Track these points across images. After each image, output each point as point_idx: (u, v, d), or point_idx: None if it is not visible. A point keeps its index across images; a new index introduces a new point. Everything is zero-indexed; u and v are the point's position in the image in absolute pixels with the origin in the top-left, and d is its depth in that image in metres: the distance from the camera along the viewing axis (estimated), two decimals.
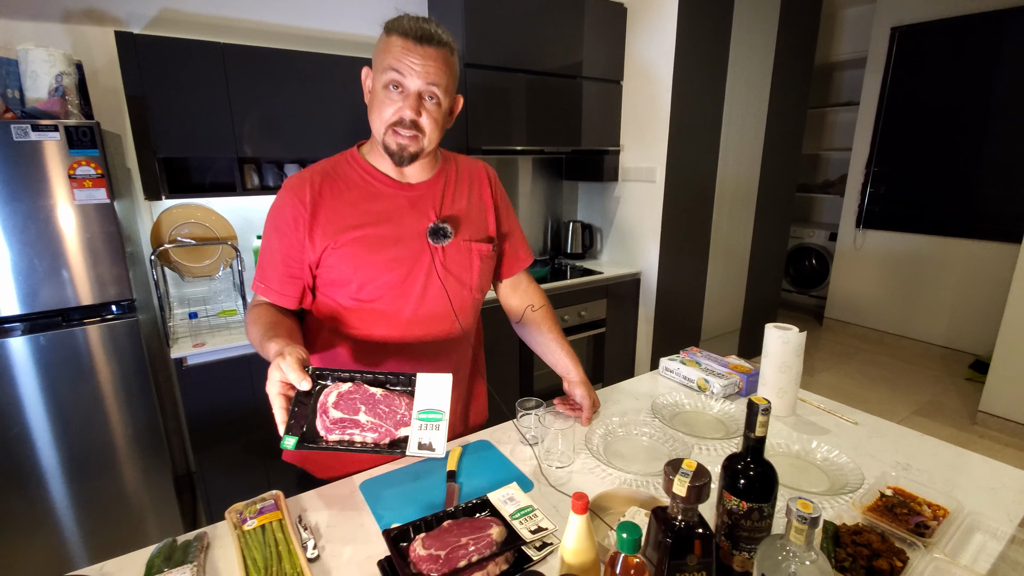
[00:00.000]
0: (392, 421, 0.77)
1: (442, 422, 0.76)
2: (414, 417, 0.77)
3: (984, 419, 2.78)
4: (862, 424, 1.13)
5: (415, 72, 0.87)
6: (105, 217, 1.49)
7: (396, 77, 0.88)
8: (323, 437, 0.76)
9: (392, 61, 0.87)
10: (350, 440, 0.76)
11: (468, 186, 1.07)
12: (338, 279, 0.95)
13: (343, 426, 0.76)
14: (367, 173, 0.98)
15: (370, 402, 0.78)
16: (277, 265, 0.95)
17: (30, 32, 1.77)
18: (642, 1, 2.59)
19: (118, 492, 1.69)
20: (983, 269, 3.45)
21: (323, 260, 0.94)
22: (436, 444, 0.75)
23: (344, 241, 0.93)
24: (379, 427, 0.76)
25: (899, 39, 3.68)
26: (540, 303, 1.19)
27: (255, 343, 0.91)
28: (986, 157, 3.38)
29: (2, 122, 1.37)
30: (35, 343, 1.49)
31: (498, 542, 0.73)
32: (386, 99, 0.90)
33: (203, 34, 2.01)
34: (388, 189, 0.98)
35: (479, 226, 1.06)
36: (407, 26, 0.87)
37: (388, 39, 0.89)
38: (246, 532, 0.80)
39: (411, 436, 0.76)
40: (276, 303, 0.97)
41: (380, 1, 2.36)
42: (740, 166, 3.00)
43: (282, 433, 0.74)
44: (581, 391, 1.13)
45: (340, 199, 0.95)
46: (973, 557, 0.75)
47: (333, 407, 0.77)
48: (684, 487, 0.59)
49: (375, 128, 0.94)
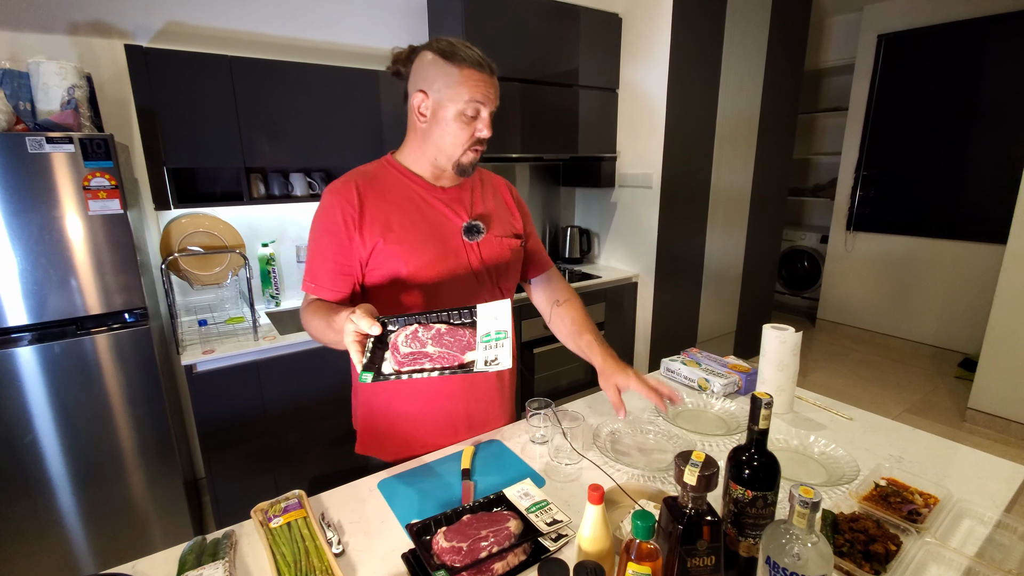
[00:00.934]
0: (459, 347, 0.82)
1: (506, 339, 0.81)
2: (479, 340, 0.82)
3: (973, 416, 2.85)
4: (857, 420, 1.18)
5: (491, 100, 1.00)
6: (119, 227, 1.52)
7: (478, 106, 0.98)
8: (396, 370, 0.81)
9: (472, 91, 0.97)
10: (421, 368, 0.81)
11: (492, 193, 1.16)
12: (387, 274, 1.01)
13: (413, 359, 0.82)
14: (406, 177, 1.06)
15: (437, 336, 0.83)
16: (327, 263, 1.01)
17: (37, 44, 1.79)
18: (636, 12, 2.65)
19: (126, 499, 1.71)
20: (970, 270, 3.53)
21: (373, 257, 1.00)
22: (501, 358, 0.79)
23: (393, 238, 1.00)
24: (447, 355, 0.82)
25: (885, 46, 3.78)
26: (565, 297, 1.24)
27: (318, 332, 0.96)
28: (971, 160, 3.48)
29: (16, 134, 1.40)
30: (48, 352, 1.51)
31: (516, 534, 0.77)
32: (463, 123, 0.99)
33: (208, 46, 2.05)
34: (424, 192, 1.06)
35: (506, 224, 1.15)
36: (474, 58, 0.97)
37: (461, 71, 0.96)
38: (273, 529, 0.83)
39: (477, 358, 0.81)
40: (327, 299, 1.02)
41: (384, 14, 2.40)
42: (733, 171, 3.07)
43: (359, 371, 0.79)
44: (615, 382, 1.08)
45: (383, 199, 1.02)
46: (962, 541, 0.80)
47: (403, 344, 0.83)
48: (695, 476, 0.63)
49: (443, 149, 1.01)
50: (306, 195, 2.19)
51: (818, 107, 4.54)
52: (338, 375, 1.99)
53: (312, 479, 2.02)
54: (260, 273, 2.26)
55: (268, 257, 2.25)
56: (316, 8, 2.25)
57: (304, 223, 2.38)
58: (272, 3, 2.16)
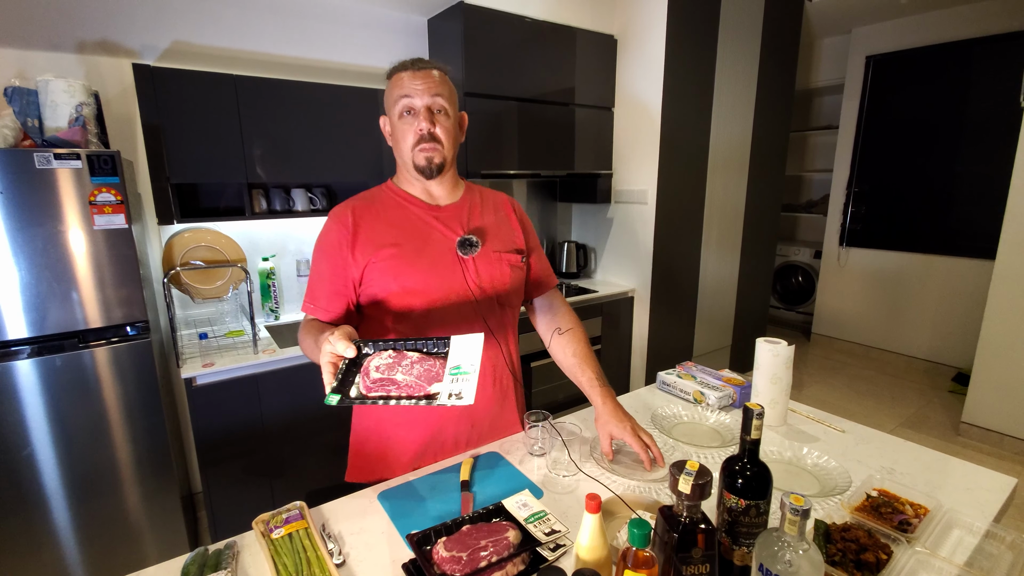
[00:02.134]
0: (427, 378, 0.83)
1: (472, 375, 0.81)
2: (447, 372, 0.83)
3: (967, 430, 2.87)
4: (849, 432, 1.20)
5: (419, 91, 1.00)
6: (123, 241, 1.54)
7: (407, 102, 1.01)
8: (362, 394, 0.82)
9: (399, 91, 1.02)
10: (386, 395, 0.81)
11: (494, 208, 1.17)
12: (380, 290, 1.03)
13: (382, 385, 0.83)
14: (401, 198, 1.09)
15: (408, 365, 0.85)
16: (325, 284, 1.04)
17: (45, 62, 1.83)
18: (631, 33, 2.73)
19: (122, 513, 1.71)
20: (961, 284, 3.58)
21: (365, 275, 1.03)
22: (465, 393, 0.78)
23: (383, 256, 1.02)
24: (413, 384, 0.82)
25: (874, 67, 3.88)
26: (567, 326, 1.20)
27: (309, 351, 0.99)
28: (959, 178, 3.55)
29: (23, 150, 1.43)
30: (48, 365, 1.52)
31: (515, 544, 0.78)
32: (405, 127, 1.03)
33: (213, 65, 2.09)
34: (420, 211, 1.09)
35: (507, 239, 1.15)
36: (404, 63, 1.04)
37: (393, 79, 1.04)
38: (275, 540, 0.84)
39: (442, 389, 0.81)
40: (323, 320, 1.05)
41: (385, 35, 2.46)
42: (727, 187, 3.13)
43: (327, 392, 0.80)
44: (610, 431, 1.04)
45: (378, 219, 1.06)
46: (952, 550, 0.81)
47: (374, 370, 0.84)
48: (689, 485, 0.65)
49: (403, 157, 1.06)
50: (307, 210, 2.23)
51: (810, 125, 4.63)
52: None
53: (309, 493, 2.02)
54: (260, 287, 2.28)
55: (268, 271, 2.27)
56: (319, 29, 2.31)
57: (304, 237, 2.41)
58: (277, 24, 2.21)
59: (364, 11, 2.39)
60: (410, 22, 2.51)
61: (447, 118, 1.04)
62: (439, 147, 1.03)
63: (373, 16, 2.42)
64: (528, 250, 1.20)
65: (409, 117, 1.02)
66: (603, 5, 2.75)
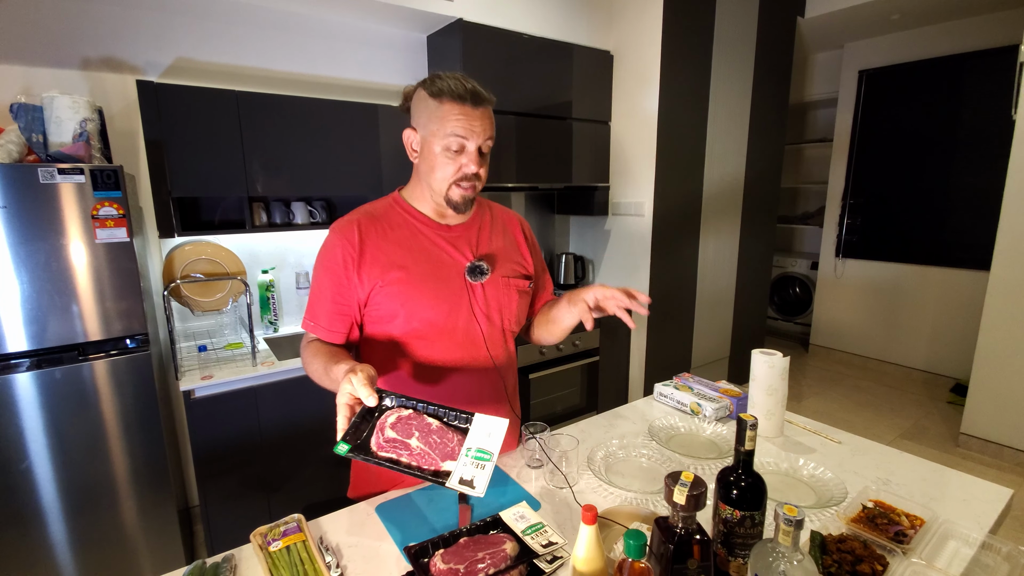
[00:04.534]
0: (441, 452, 0.80)
1: (489, 463, 0.77)
2: (463, 452, 0.79)
3: (966, 441, 2.87)
4: (845, 443, 1.21)
5: (475, 134, 0.95)
6: (124, 254, 1.55)
7: (460, 141, 0.95)
8: (374, 452, 0.79)
9: (453, 127, 0.94)
10: (397, 459, 0.79)
11: (503, 229, 1.14)
12: (386, 315, 1.02)
13: (394, 446, 0.80)
14: (410, 215, 1.05)
15: (425, 430, 0.82)
16: (326, 303, 1.01)
17: (49, 78, 1.86)
18: (627, 49, 2.77)
19: (119, 527, 1.70)
20: (957, 295, 3.60)
21: (371, 298, 1.01)
22: (478, 482, 0.75)
23: (391, 280, 1.00)
24: (427, 455, 0.79)
25: (866, 81, 3.93)
26: None
27: (317, 374, 0.97)
28: (953, 190, 3.59)
29: (28, 165, 1.45)
30: (47, 378, 1.52)
31: (512, 556, 0.79)
32: (448, 159, 0.97)
33: (216, 81, 2.12)
34: (428, 230, 1.05)
35: (515, 264, 1.13)
36: (459, 90, 0.94)
37: (442, 105, 0.95)
38: (272, 553, 0.84)
39: (455, 470, 0.77)
40: (324, 339, 1.03)
41: (382, 50, 2.50)
42: (724, 200, 3.16)
43: (339, 439, 0.78)
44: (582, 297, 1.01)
45: (385, 239, 1.02)
46: (947, 561, 0.82)
47: (390, 427, 0.82)
48: (683, 496, 0.66)
49: (433, 185, 1.00)
50: (307, 223, 2.24)
51: (804, 138, 4.69)
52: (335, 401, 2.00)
53: (307, 506, 2.00)
54: (259, 299, 2.29)
55: (268, 284, 2.28)
56: (321, 46, 2.35)
57: (304, 250, 2.43)
58: (279, 41, 2.25)
59: (365, 29, 2.43)
60: (410, 39, 2.56)
61: (488, 154, 1.01)
62: (476, 184, 1.00)
63: (374, 33, 2.46)
64: (536, 275, 1.19)
65: (455, 153, 0.96)
66: (599, 22, 2.80)
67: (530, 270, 1.16)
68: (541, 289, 1.24)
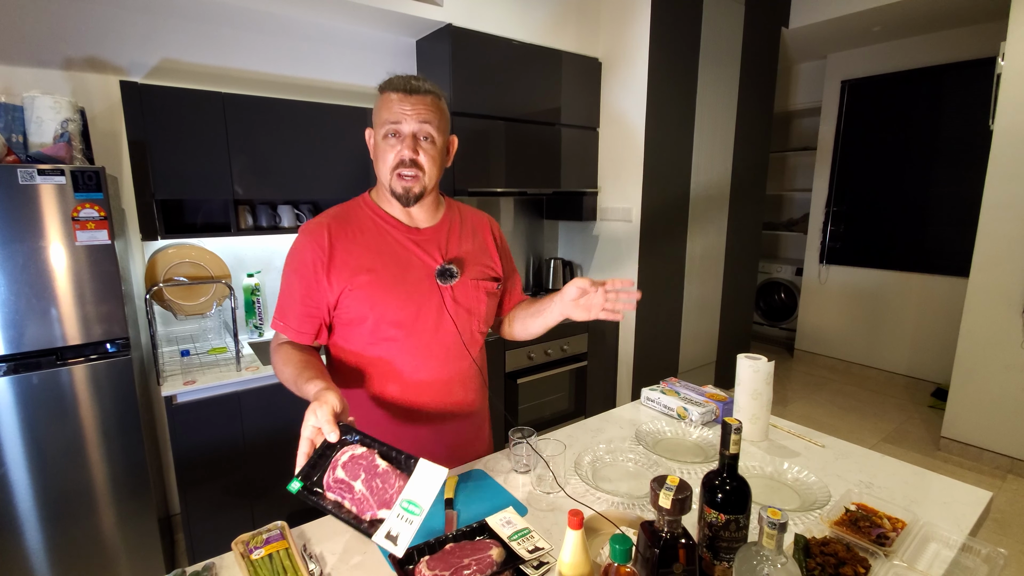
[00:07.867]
0: (379, 499, 0.78)
1: (417, 518, 0.74)
2: (398, 502, 0.77)
3: (947, 445, 2.92)
4: (829, 447, 1.22)
5: (407, 116, 0.98)
6: (105, 257, 1.52)
7: (393, 126, 0.98)
8: (323, 493, 0.79)
9: (387, 113, 0.99)
10: (339, 503, 0.78)
11: (472, 232, 1.15)
12: (355, 318, 1.02)
13: (340, 488, 0.79)
14: (378, 217, 1.06)
15: (371, 472, 0.80)
16: (296, 304, 1.02)
17: (30, 78, 1.83)
18: (615, 57, 2.80)
19: (97, 536, 1.66)
20: (937, 301, 3.67)
21: (340, 301, 1.01)
22: (401, 540, 0.72)
23: (359, 283, 1.00)
24: (367, 500, 0.78)
25: (849, 90, 4.02)
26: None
27: (288, 382, 0.96)
28: (933, 198, 3.67)
29: (6, 166, 1.42)
30: (24, 383, 1.49)
31: (498, 562, 0.78)
32: (387, 147, 1.00)
33: (201, 83, 2.10)
34: (398, 233, 1.06)
35: (484, 266, 1.14)
36: (397, 82, 0.99)
37: (383, 96, 1.00)
38: (254, 561, 0.83)
39: (387, 520, 0.75)
40: (294, 340, 1.03)
41: (371, 53, 2.50)
42: (710, 206, 3.19)
43: (295, 473, 0.79)
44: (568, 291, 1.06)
45: (354, 242, 1.03)
46: (928, 563, 0.83)
47: (341, 466, 0.81)
48: (669, 499, 0.66)
49: (382, 176, 1.03)
50: (293, 226, 2.22)
51: (789, 146, 4.77)
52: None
53: (291, 513, 1.97)
54: (244, 303, 2.26)
55: (253, 287, 2.26)
56: (309, 49, 2.34)
57: None
58: (266, 43, 2.24)
59: (354, 32, 2.42)
60: (399, 43, 2.56)
61: (433, 145, 1.00)
62: (419, 175, 1.00)
63: (363, 37, 2.45)
64: (505, 276, 1.20)
65: (393, 139, 0.99)
66: (588, 29, 2.82)
67: (499, 272, 1.18)
68: (510, 290, 1.25)
